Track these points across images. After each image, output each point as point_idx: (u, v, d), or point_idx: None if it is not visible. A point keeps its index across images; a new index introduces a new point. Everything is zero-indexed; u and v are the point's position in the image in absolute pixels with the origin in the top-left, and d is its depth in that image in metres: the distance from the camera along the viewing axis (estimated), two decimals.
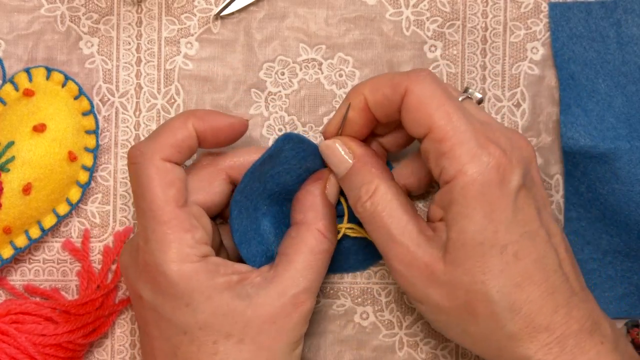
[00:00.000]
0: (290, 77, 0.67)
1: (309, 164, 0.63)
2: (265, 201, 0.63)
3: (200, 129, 0.60)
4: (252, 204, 0.62)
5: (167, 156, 0.59)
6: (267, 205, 0.63)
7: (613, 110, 0.65)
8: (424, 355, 0.67)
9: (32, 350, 0.63)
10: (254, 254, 0.62)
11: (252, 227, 0.62)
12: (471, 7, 0.67)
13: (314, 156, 0.63)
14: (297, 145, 0.61)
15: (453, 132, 0.56)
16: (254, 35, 0.67)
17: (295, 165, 0.62)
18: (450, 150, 0.56)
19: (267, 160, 0.61)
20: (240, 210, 0.61)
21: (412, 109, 0.57)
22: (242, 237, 0.62)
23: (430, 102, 0.57)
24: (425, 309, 0.58)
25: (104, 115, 0.67)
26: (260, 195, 0.62)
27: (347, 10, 0.67)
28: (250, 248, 0.62)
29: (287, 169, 0.62)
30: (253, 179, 0.61)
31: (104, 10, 0.67)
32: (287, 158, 0.62)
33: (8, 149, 0.63)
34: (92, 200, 0.67)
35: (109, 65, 0.67)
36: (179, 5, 0.67)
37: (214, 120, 0.60)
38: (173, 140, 0.59)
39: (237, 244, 0.62)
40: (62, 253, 0.67)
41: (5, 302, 0.65)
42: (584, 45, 0.66)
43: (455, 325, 0.58)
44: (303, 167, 0.63)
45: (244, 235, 0.62)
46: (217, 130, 0.60)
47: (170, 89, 0.67)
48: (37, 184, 0.63)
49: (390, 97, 0.58)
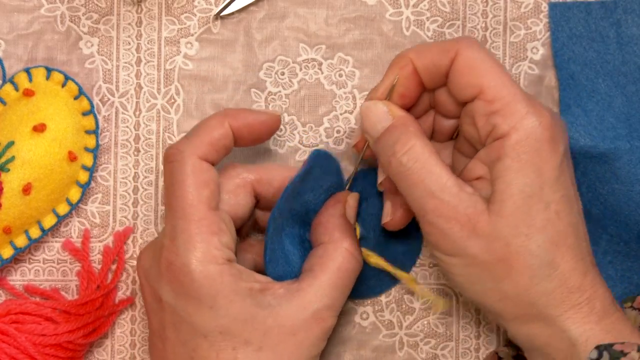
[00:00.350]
0: (290, 77, 0.67)
1: (329, 183, 0.63)
2: (288, 221, 0.62)
3: (236, 126, 0.60)
4: (280, 224, 0.62)
5: (204, 154, 0.59)
6: (289, 227, 0.63)
7: (613, 110, 0.65)
8: (424, 355, 0.67)
9: (32, 350, 0.63)
10: (280, 275, 0.61)
11: (279, 247, 0.62)
12: (471, 7, 0.67)
13: (336, 174, 0.63)
14: (325, 161, 0.62)
15: (507, 91, 0.58)
16: (254, 35, 0.67)
17: (318, 184, 0.62)
18: (504, 108, 0.57)
19: (303, 178, 0.61)
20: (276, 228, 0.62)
21: (463, 71, 0.59)
22: (272, 255, 0.62)
23: (481, 64, 0.58)
24: (457, 262, 0.58)
25: (104, 115, 0.67)
26: (288, 215, 0.62)
27: (347, 10, 0.67)
28: (277, 268, 0.62)
29: (311, 187, 0.62)
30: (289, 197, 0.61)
31: (104, 10, 0.67)
32: (315, 176, 0.62)
33: (8, 149, 0.63)
34: (92, 200, 0.67)
35: (109, 65, 0.67)
36: (179, 5, 0.67)
37: (248, 117, 0.61)
38: (210, 138, 0.59)
39: (267, 262, 0.61)
40: (62, 253, 0.67)
41: (5, 302, 0.65)
42: (583, 45, 0.66)
43: (486, 280, 0.58)
44: (324, 187, 0.63)
45: (273, 254, 0.62)
46: (252, 127, 0.61)
47: (170, 89, 0.67)
48: (37, 184, 0.63)
49: (438, 61, 0.59)
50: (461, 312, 0.67)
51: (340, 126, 0.67)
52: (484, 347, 0.67)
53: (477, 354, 0.67)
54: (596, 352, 0.56)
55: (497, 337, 0.67)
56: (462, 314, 0.67)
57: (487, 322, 0.67)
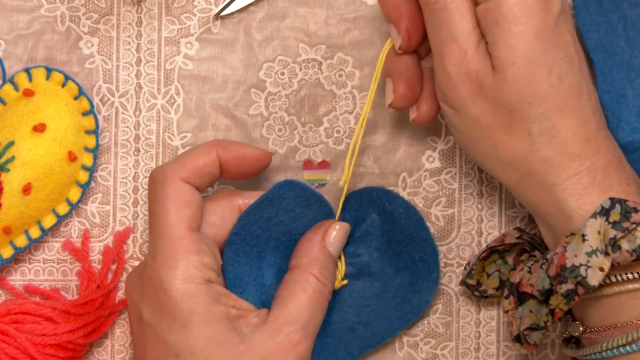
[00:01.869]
0: (290, 77, 0.67)
1: (315, 213, 0.63)
2: (272, 252, 0.63)
3: (224, 157, 0.61)
4: (255, 251, 0.62)
5: (187, 178, 0.60)
6: (274, 257, 0.63)
7: (627, 104, 0.64)
8: (424, 355, 0.67)
9: (32, 350, 0.63)
10: (248, 300, 0.61)
11: (252, 273, 0.62)
12: None
13: (319, 204, 0.63)
14: (299, 193, 0.62)
15: None
16: (254, 35, 0.67)
17: (300, 214, 0.63)
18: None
19: (266, 205, 0.61)
20: (237, 253, 0.62)
21: None
22: (237, 281, 0.61)
23: None
24: (460, 119, 0.58)
25: (103, 115, 0.67)
26: (266, 244, 0.63)
27: (347, 10, 0.67)
28: (245, 294, 0.62)
29: (292, 217, 0.62)
30: (250, 222, 0.62)
31: (104, 10, 0.67)
32: (291, 206, 0.62)
33: (8, 149, 0.63)
34: (92, 200, 0.67)
35: (109, 65, 0.67)
36: (178, 5, 0.67)
37: (238, 150, 0.62)
38: (194, 164, 0.60)
39: (229, 287, 0.61)
40: (62, 253, 0.67)
41: (5, 302, 0.65)
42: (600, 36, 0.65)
43: (486, 143, 0.58)
44: (309, 216, 0.63)
45: (240, 280, 0.61)
46: (240, 160, 0.61)
47: (170, 89, 0.67)
48: (37, 184, 0.63)
49: None
50: (461, 312, 0.67)
51: (340, 126, 0.67)
52: (484, 347, 0.67)
53: (477, 354, 0.67)
54: (609, 202, 0.55)
55: (497, 337, 0.67)
56: (462, 314, 0.67)
57: (487, 322, 0.67)
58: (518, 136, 0.57)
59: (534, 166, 0.57)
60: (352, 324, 0.64)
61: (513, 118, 0.57)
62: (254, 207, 0.61)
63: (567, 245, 0.56)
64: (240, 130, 0.67)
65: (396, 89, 0.61)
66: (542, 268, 0.57)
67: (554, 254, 0.56)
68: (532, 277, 0.58)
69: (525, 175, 0.58)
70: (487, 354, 0.67)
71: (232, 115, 0.67)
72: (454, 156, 0.67)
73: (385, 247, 0.64)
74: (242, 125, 0.67)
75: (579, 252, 0.55)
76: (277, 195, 0.62)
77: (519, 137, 0.57)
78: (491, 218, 0.67)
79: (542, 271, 0.57)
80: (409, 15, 0.60)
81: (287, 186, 0.62)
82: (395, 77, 0.62)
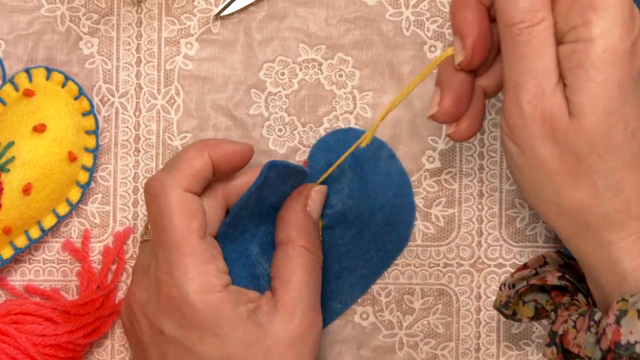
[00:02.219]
0: (290, 78, 0.67)
1: (293, 181, 0.63)
2: (253, 222, 0.63)
3: (215, 157, 0.60)
4: (238, 229, 0.62)
5: (188, 187, 0.59)
6: (255, 227, 0.63)
7: None
8: (424, 355, 0.67)
9: (32, 350, 0.63)
10: (238, 275, 0.62)
11: (237, 248, 0.62)
12: None
13: (298, 174, 0.63)
14: (281, 170, 0.62)
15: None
16: (254, 35, 0.67)
17: (280, 186, 0.62)
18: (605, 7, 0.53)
19: (255, 192, 0.61)
20: (225, 237, 0.62)
21: None
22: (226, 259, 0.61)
23: None
24: (524, 159, 0.56)
25: (104, 116, 0.67)
26: (249, 219, 0.62)
27: (347, 11, 0.67)
28: (235, 269, 0.62)
29: (272, 191, 0.62)
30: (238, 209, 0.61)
31: (104, 11, 0.67)
32: (272, 182, 0.62)
33: (8, 149, 0.63)
34: (92, 200, 0.67)
35: (109, 65, 0.67)
36: (179, 5, 0.67)
37: (226, 147, 0.61)
38: (192, 170, 0.59)
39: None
40: (62, 253, 0.67)
41: (5, 303, 0.65)
42: None
43: (548, 188, 0.55)
44: (288, 185, 0.63)
45: (227, 257, 0.61)
46: (230, 157, 0.61)
47: (170, 89, 0.67)
48: (37, 184, 0.63)
49: None
50: (461, 313, 0.67)
51: (340, 126, 0.67)
52: (484, 347, 0.67)
53: (477, 354, 0.67)
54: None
55: (497, 336, 0.67)
56: (462, 314, 0.67)
57: (487, 322, 0.67)
58: (582, 186, 0.55)
59: (592, 219, 0.55)
60: (336, 272, 0.65)
61: (580, 167, 0.54)
62: (245, 196, 0.61)
63: (621, 318, 0.54)
64: (240, 130, 0.67)
65: (442, 101, 0.58)
66: (590, 331, 0.55)
67: (607, 325, 0.54)
68: (578, 336, 0.56)
69: (582, 227, 0.56)
70: (487, 354, 0.67)
71: (232, 115, 0.67)
72: (454, 156, 0.67)
73: (357, 191, 0.65)
74: (242, 126, 0.67)
75: (634, 329, 0.53)
76: (263, 180, 0.61)
77: (583, 188, 0.55)
78: (491, 218, 0.67)
79: (591, 336, 0.55)
80: (479, 33, 0.56)
81: (270, 168, 0.61)
82: (445, 90, 0.58)
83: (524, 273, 0.61)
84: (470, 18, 0.56)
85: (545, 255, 0.62)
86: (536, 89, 0.54)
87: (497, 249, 0.67)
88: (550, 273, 0.60)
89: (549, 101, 0.54)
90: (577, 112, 0.54)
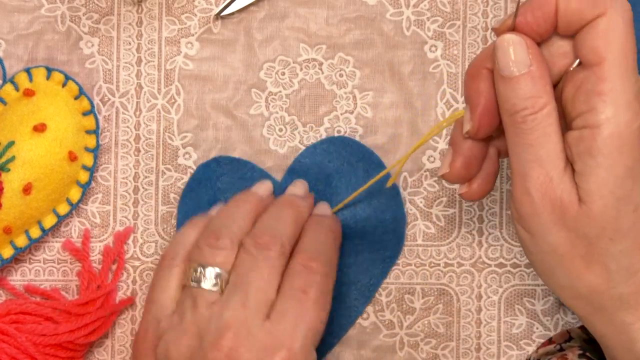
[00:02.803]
0: (291, 77, 0.67)
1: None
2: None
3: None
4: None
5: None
6: None
7: None
8: (425, 355, 0.67)
9: (33, 350, 0.63)
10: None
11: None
12: (472, 7, 0.67)
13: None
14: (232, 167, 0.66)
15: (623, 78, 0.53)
16: (255, 35, 0.67)
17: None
18: (610, 94, 0.53)
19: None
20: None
21: (599, 34, 0.53)
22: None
23: (619, 38, 0.53)
24: (535, 245, 0.56)
25: (104, 115, 0.67)
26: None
27: (348, 10, 0.67)
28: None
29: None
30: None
31: (105, 10, 0.67)
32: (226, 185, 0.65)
33: (8, 149, 0.63)
34: (92, 200, 0.67)
35: (110, 65, 0.67)
36: (179, 5, 0.67)
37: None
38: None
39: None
40: (62, 253, 0.67)
41: (6, 302, 0.65)
42: None
43: (561, 273, 0.55)
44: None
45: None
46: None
47: (171, 89, 0.67)
48: (38, 183, 0.63)
49: (584, 11, 0.54)
50: (462, 312, 0.67)
51: (340, 126, 0.67)
52: (485, 347, 0.67)
53: (477, 354, 0.67)
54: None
55: (498, 336, 0.67)
56: (462, 314, 0.67)
57: (488, 321, 0.67)
58: (595, 270, 0.54)
59: (607, 302, 0.55)
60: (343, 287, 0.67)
61: (592, 251, 0.54)
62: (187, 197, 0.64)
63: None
64: (240, 130, 0.67)
65: (453, 163, 0.58)
66: None
67: None
68: None
69: (598, 309, 0.55)
70: (487, 354, 0.67)
71: (233, 115, 0.67)
72: None
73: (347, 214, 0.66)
74: (243, 125, 0.67)
75: None
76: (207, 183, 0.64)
77: (597, 271, 0.54)
78: (492, 218, 0.67)
79: None
80: (487, 105, 0.56)
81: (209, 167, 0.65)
82: (456, 152, 0.58)
83: (548, 348, 0.62)
84: (481, 89, 0.56)
85: (570, 330, 0.63)
86: (544, 177, 0.54)
87: (498, 248, 0.67)
88: (572, 351, 0.61)
89: (557, 188, 0.54)
90: (586, 198, 0.53)
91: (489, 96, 0.56)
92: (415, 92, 0.67)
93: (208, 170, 0.66)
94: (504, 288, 0.67)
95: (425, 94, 0.67)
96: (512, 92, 0.54)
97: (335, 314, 0.65)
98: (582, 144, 0.53)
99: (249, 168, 0.66)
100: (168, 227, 0.67)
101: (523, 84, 0.54)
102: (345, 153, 0.66)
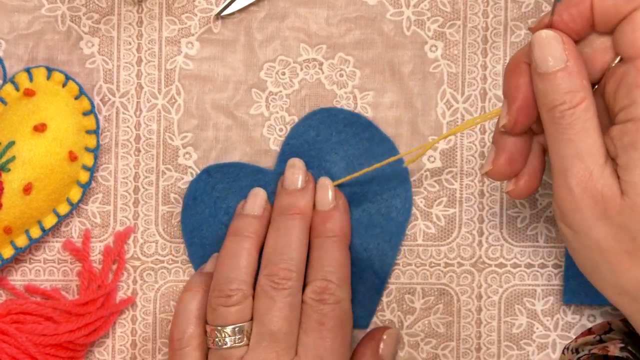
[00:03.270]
0: (291, 77, 0.67)
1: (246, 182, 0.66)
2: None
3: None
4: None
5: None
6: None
7: None
8: (425, 355, 0.67)
9: (33, 350, 0.63)
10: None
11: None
12: (472, 7, 0.67)
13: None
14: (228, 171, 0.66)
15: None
16: (255, 35, 0.67)
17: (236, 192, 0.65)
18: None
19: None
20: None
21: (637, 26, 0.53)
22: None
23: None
24: (578, 241, 0.55)
25: (104, 115, 0.67)
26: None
27: (348, 10, 0.67)
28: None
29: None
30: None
31: (105, 10, 0.67)
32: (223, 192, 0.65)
33: (9, 149, 0.63)
34: (92, 200, 0.67)
35: (110, 65, 0.67)
36: (179, 5, 0.67)
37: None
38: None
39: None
40: (62, 253, 0.67)
41: (6, 302, 0.65)
42: None
43: (606, 269, 0.55)
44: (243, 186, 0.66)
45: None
46: None
47: (171, 89, 0.67)
48: (38, 183, 0.63)
49: (619, 5, 0.54)
50: (462, 312, 0.67)
51: None
52: (485, 347, 0.67)
53: (477, 354, 0.67)
54: None
55: (498, 336, 0.67)
56: (462, 314, 0.67)
57: (488, 321, 0.67)
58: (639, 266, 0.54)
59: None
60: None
61: (637, 246, 0.54)
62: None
63: None
64: (240, 130, 0.67)
65: (496, 160, 0.58)
66: None
67: None
68: None
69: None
70: (488, 354, 0.67)
71: (233, 115, 0.67)
72: (454, 156, 0.67)
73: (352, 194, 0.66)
74: (243, 125, 0.67)
75: None
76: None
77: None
78: (492, 218, 0.67)
79: None
80: (524, 100, 0.56)
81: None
82: (499, 148, 0.58)
83: (587, 338, 0.61)
84: (519, 84, 0.56)
85: (611, 322, 0.62)
86: (584, 171, 0.54)
87: (498, 248, 0.67)
88: (613, 343, 0.60)
89: (598, 182, 0.53)
90: (629, 191, 0.53)
91: (526, 91, 0.56)
92: (415, 92, 0.67)
93: (200, 183, 0.66)
94: (504, 288, 0.67)
95: (425, 94, 0.67)
96: (550, 87, 0.54)
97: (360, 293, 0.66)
98: (626, 137, 0.53)
99: (240, 168, 0.66)
100: (168, 227, 0.67)
101: (560, 79, 0.54)
102: (330, 122, 0.66)
